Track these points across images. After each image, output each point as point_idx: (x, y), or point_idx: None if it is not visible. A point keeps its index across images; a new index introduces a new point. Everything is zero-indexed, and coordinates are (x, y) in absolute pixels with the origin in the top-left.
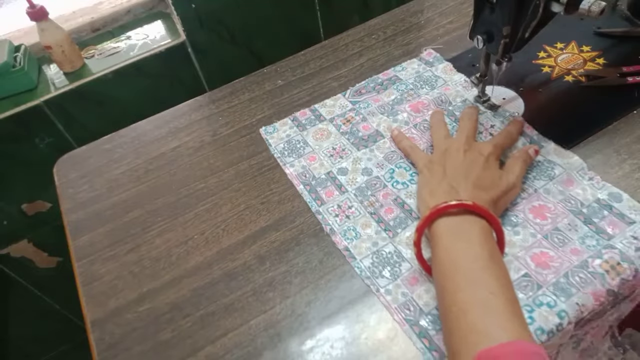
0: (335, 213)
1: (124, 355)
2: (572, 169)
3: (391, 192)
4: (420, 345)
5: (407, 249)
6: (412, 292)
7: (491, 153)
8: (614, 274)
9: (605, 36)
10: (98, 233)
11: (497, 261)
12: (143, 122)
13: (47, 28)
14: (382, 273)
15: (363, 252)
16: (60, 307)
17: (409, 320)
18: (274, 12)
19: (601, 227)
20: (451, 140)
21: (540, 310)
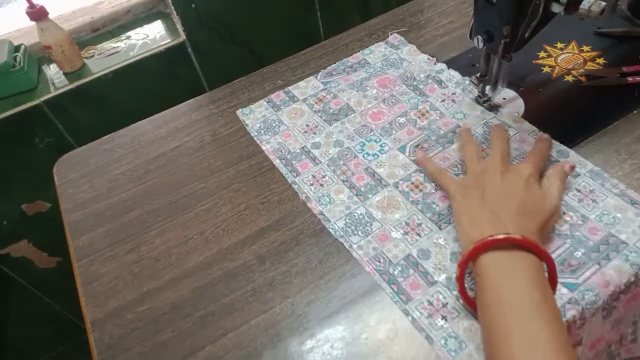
0: (310, 182)
1: (123, 356)
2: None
3: (362, 162)
4: (389, 290)
5: (378, 211)
6: (382, 247)
7: (531, 174)
8: None
9: (605, 36)
10: (98, 233)
11: (549, 302)
12: (143, 122)
13: (47, 28)
14: (354, 232)
15: (337, 215)
16: (60, 307)
17: (379, 270)
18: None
19: None
20: (486, 162)
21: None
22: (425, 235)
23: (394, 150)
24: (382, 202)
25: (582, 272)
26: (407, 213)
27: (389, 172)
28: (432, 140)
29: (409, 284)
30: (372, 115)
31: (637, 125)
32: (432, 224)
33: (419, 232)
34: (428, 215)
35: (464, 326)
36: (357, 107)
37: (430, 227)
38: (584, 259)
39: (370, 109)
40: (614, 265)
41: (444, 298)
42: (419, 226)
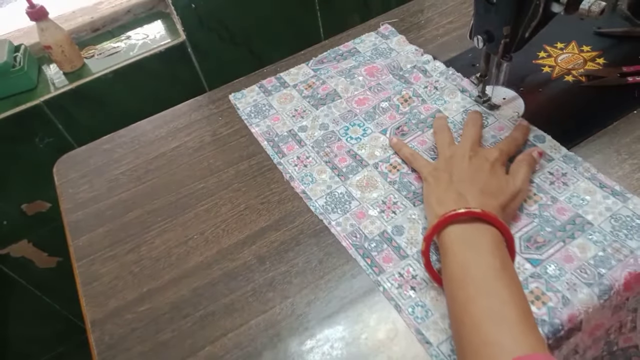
0: (295, 163)
1: (123, 356)
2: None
3: (345, 145)
4: (363, 263)
5: (357, 190)
6: (359, 224)
7: (497, 159)
8: None
9: (605, 36)
10: (98, 233)
11: (508, 270)
12: (143, 122)
13: (47, 28)
14: (334, 210)
15: (318, 193)
16: (60, 307)
17: (355, 244)
18: (274, 12)
19: None
20: (456, 147)
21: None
22: (400, 212)
23: (376, 133)
24: (362, 181)
25: (546, 249)
26: (384, 192)
27: (370, 153)
28: (412, 124)
29: (382, 258)
30: (358, 101)
31: (637, 125)
32: (407, 201)
33: (394, 210)
34: (404, 194)
35: (430, 296)
36: (344, 94)
37: (405, 204)
38: (549, 236)
39: (356, 95)
40: (578, 243)
41: (414, 270)
42: (394, 204)
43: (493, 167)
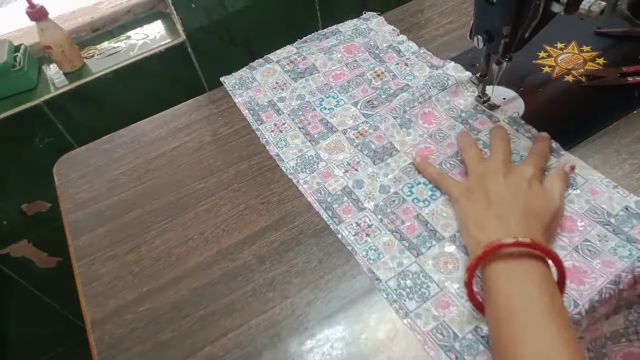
0: (271, 129)
1: (123, 356)
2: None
3: (319, 114)
4: (325, 215)
5: (325, 152)
6: (325, 182)
7: (533, 175)
8: None
9: (605, 36)
10: (98, 233)
11: (558, 308)
12: (143, 122)
13: (47, 28)
14: (303, 170)
15: (290, 156)
16: (60, 307)
17: (319, 199)
18: (273, 12)
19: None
20: (487, 164)
21: None
22: (361, 169)
23: (348, 105)
24: (330, 145)
25: None
26: (350, 155)
27: (340, 121)
28: (382, 98)
29: (342, 209)
30: (334, 75)
31: (637, 126)
32: (368, 159)
33: (356, 168)
34: (365, 152)
35: (383, 241)
36: (322, 68)
37: (366, 162)
38: None
39: (333, 70)
40: None
41: (370, 220)
42: (357, 163)
43: (530, 185)
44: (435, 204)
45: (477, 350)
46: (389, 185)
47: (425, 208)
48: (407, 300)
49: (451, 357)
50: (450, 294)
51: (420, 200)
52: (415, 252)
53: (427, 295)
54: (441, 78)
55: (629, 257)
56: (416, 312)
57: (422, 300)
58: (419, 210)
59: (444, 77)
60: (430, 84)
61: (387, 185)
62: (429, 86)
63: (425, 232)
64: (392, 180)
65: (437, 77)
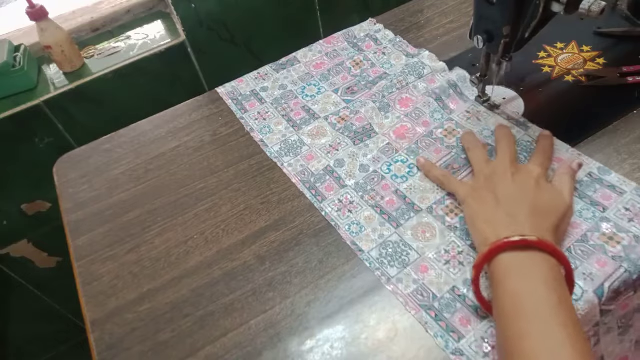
0: (255, 117)
1: (123, 355)
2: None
3: (301, 102)
4: (309, 194)
5: (308, 138)
6: (308, 164)
7: (540, 174)
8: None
9: (605, 36)
10: (98, 233)
11: (565, 305)
12: (143, 122)
13: (47, 28)
14: (287, 154)
15: (274, 141)
16: (60, 307)
17: (303, 180)
18: (274, 12)
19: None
20: (495, 164)
21: None
22: (342, 149)
23: (329, 92)
24: (313, 130)
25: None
26: (331, 138)
27: (322, 108)
28: (361, 85)
29: (324, 187)
30: (315, 65)
31: (637, 125)
32: (349, 140)
33: (337, 148)
34: (346, 134)
35: (364, 215)
36: (303, 59)
37: (347, 142)
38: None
39: (314, 60)
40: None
41: (351, 197)
42: (338, 144)
43: (538, 184)
44: (412, 180)
45: (454, 308)
46: (369, 164)
47: (404, 184)
48: (388, 268)
49: (431, 315)
50: (429, 259)
51: (398, 176)
52: (395, 224)
53: (407, 261)
54: (417, 67)
55: (592, 219)
56: (397, 277)
57: (402, 266)
58: (397, 186)
59: (420, 66)
60: (407, 72)
61: (366, 165)
62: (406, 74)
63: (404, 205)
64: (372, 160)
65: (413, 65)
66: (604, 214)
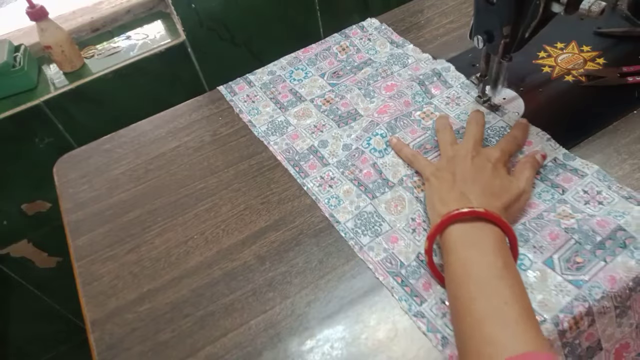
0: (244, 100)
1: (123, 355)
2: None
3: (288, 85)
4: (292, 170)
5: (294, 118)
6: (293, 143)
7: (498, 159)
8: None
9: (605, 36)
10: (98, 233)
11: (511, 270)
12: (143, 122)
13: (47, 28)
14: (273, 133)
15: (261, 122)
16: (60, 307)
17: (287, 157)
18: (274, 12)
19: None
20: (458, 147)
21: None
22: (326, 130)
23: (316, 76)
24: (299, 112)
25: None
26: (316, 119)
27: (308, 91)
28: (347, 69)
29: (308, 165)
30: (303, 50)
31: (637, 125)
32: (333, 122)
33: (322, 130)
34: (331, 117)
35: (343, 189)
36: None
37: (331, 125)
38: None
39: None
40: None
41: (332, 174)
42: (323, 126)
43: (495, 167)
44: (388, 157)
45: (419, 273)
46: (351, 143)
47: (381, 159)
48: (361, 237)
49: (397, 280)
50: (399, 230)
51: (377, 150)
52: (370, 195)
53: (379, 232)
54: (402, 57)
55: (550, 200)
56: (369, 245)
57: (374, 235)
58: (375, 159)
59: (404, 57)
60: (392, 62)
61: (349, 144)
62: (390, 64)
63: (379, 179)
64: (355, 139)
65: (398, 56)
66: (562, 196)
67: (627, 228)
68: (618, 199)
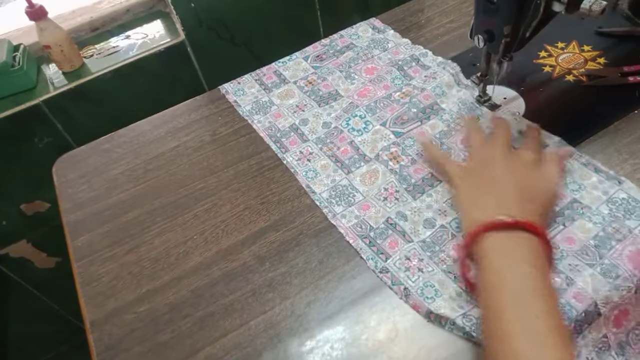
0: (231, 82)
1: (123, 356)
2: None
3: (273, 67)
4: (274, 147)
5: (277, 99)
6: (275, 121)
7: (533, 160)
8: None
9: (606, 36)
10: (97, 233)
11: (546, 282)
12: (142, 122)
13: (46, 27)
14: (257, 112)
15: (246, 102)
16: (59, 308)
17: (270, 135)
18: (274, 12)
19: None
20: (490, 149)
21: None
22: (307, 110)
23: (299, 59)
24: (282, 93)
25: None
26: (299, 99)
27: (292, 74)
28: (330, 53)
29: (288, 142)
30: None
31: (637, 125)
32: (314, 102)
33: (303, 109)
34: (312, 97)
35: (321, 164)
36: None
37: (312, 105)
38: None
39: None
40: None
41: (311, 149)
42: (304, 106)
43: (530, 169)
44: (367, 135)
45: (386, 234)
46: (331, 122)
47: (359, 137)
48: (335, 206)
49: (366, 242)
50: (371, 198)
51: (355, 129)
52: (346, 170)
53: (352, 201)
54: (382, 42)
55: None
56: (342, 213)
57: (347, 205)
58: (352, 138)
59: (384, 41)
60: (373, 46)
61: (329, 122)
62: (371, 47)
63: (356, 155)
64: (334, 118)
65: (379, 40)
66: None
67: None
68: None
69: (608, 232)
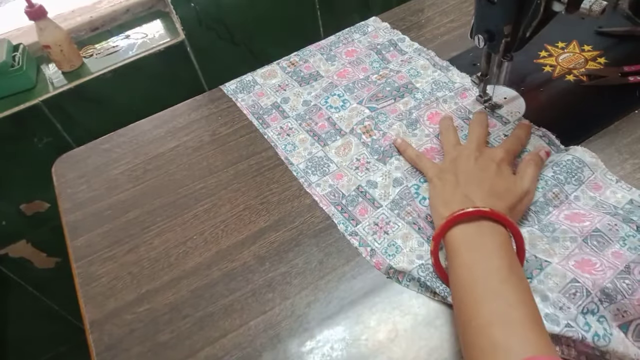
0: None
1: (122, 356)
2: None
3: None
4: (256, 122)
5: (261, 78)
6: (258, 99)
7: (503, 159)
8: None
9: (606, 35)
10: (97, 233)
11: (516, 272)
12: (142, 122)
13: (45, 27)
14: (241, 91)
15: (232, 81)
16: (58, 308)
17: (252, 112)
18: (274, 12)
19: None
20: (461, 148)
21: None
22: (289, 89)
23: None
24: (265, 73)
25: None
26: (281, 79)
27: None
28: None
29: (270, 119)
30: None
31: (638, 125)
32: (296, 82)
33: (285, 88)
34: (294, 77)
35: (299, 138)
36: None
37: (293, 84)
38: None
39: None
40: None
41: (291, 125)
42: (287, 85)
43: (499, 168)
44: (344, 112)
45: (357, 202)
46: (311, 100)
47: (336, 113)
48: (311, 175)
49: (338, 209)
50: (344, 168)
51: (333, 107)
52: (322, 144)
53: (327, 172)
54: (362, 27)
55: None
56: (317, 182)
57: (322, 174)
58: (330, 114)
59: (364, 26)
60: (354, 30)
61: (309, 100)
62: (352, 32)
63: (332, 130)
64: (314, 97)
65: (359, 25)
66: None
67: None
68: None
69: (548, 197)
